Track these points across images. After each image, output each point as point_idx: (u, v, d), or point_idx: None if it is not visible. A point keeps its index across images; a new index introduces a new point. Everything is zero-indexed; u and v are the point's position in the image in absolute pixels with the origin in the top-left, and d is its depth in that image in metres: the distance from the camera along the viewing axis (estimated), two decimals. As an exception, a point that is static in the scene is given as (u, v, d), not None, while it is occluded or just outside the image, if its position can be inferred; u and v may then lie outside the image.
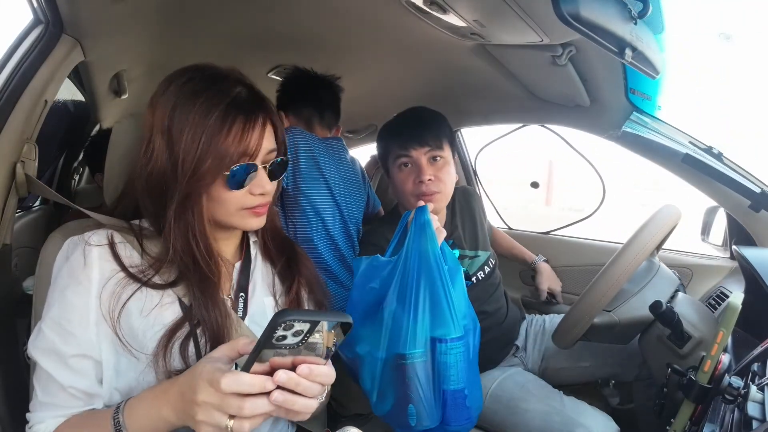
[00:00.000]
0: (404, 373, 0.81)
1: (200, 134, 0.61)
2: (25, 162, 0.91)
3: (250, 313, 0.72)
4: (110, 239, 0.63)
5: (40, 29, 0.96)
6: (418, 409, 0.81)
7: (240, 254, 0.77)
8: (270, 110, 0.67)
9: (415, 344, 0.82)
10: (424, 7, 0.95)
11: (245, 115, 0.63)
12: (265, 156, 0.67)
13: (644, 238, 0.94)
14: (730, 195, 1.29)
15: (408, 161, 1.12)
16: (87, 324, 0.60)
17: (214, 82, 0.64)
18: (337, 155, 1.35)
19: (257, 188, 0.66)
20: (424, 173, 1.09)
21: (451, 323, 0.83)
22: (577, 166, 1.88)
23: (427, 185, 1.09)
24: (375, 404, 0.89)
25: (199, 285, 0.64)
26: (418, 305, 0.84)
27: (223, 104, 0.62)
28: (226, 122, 0.62)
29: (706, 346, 0.76)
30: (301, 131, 1.29)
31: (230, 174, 0.63)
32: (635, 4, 0.80)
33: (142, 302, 0.62)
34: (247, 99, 0.65)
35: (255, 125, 0.64)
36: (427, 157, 1.11)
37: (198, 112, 0.61)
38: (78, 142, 1.89)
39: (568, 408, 1.03)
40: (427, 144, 1.10)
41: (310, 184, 1.26)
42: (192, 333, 0.62)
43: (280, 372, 0.49)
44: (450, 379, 0.83)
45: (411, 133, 1.11)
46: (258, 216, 0.69)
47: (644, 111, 1.38)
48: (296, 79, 1.40)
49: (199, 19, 1.18)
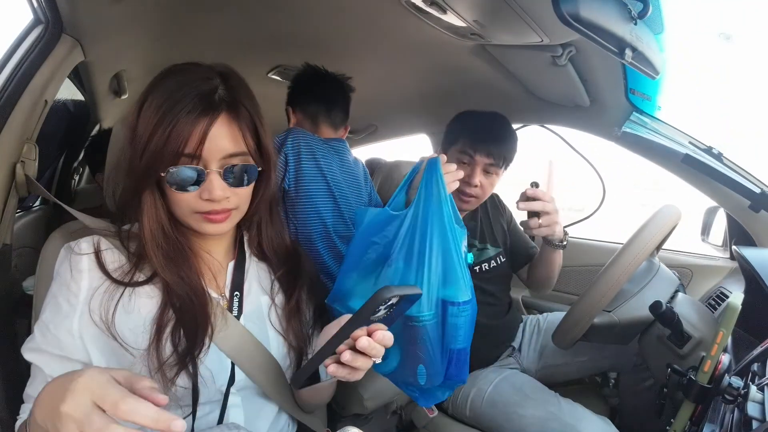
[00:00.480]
0: (415, 335, 0.79)
1: (149, 130, 0.59)
2: (25, 162, 0.91)
3: (245, 311, 0.72)
4: (96, 247, 0.64)
5: (40, 29, 0.96)
6: (428, 369, 0.81)
7: (233, 253, 0.76)
8: (241, 111, 0.62)
9: (426, 306, 0.79)
10: (424, 8, 0.95)
11: (194, 111, 0.59)
12: (221, 159, 0.62)
13: (644, 239, 0.94)
14: (730, 195, 1.29)
15: (468, 159, 1.16)
16: (71, 329, 0.61)
17: (185, 74, 0.62)
18: (339, 156, 1.35)
19: (204, 193, 0.62)
20: (474, 178, 1.15)
21: (463, 285, 0.81)
22: (577, 166, 1.88)
23: (472, 189, 1.16)
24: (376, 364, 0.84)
25: (166, 271, 0.64)
26: (431, 265, 0.80)
27: (175, 98, 0.59)
28: (167, 119, 0.58)
29: (706, 347, 0.76)
30: (303, 132, 1.29)
31: (167, 175, 0.60)
32: (635, 4, 0.80)
33: (129, 302, 0.63)
34: (208, 93, 0.60)
35: (200, 123, 0.59)
36: (485, 165, 1.15)
37: (155, 106, 0.60)
38: (78, 142, 1.89)
39: (566, 413, 1.03)
40: (493, 156, 1.15)
41: (311, 185, 1.26)
42: (178, 320, 0.63)
43: (363, 339, 0.55)
44: (458, 339, 0.82)
45: (486, 139, 1.15)
46: (214, 222, 0.64)
47: (644, 111, 1.38)
48: (307, 75, 1.38)
49: (199, 19, 1.18)
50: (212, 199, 0.62)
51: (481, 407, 1.12)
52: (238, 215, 0.68)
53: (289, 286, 0.76)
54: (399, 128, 2.23)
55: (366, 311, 0.52)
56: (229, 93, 0.62)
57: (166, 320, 0.63)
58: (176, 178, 0.61)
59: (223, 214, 0.65)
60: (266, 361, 0.72)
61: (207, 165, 0.61)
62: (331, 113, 1.37)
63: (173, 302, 0.64)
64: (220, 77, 0.63)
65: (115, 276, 0.63)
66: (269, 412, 0.75)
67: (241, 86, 0.65)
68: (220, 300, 0.71)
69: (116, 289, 0.63)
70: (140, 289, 0.64)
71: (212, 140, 0.60)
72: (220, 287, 0.72)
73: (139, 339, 0.62)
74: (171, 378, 0.61)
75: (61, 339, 0.61)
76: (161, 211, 0.64)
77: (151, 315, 0.64)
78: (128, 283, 0.63)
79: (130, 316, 0.63)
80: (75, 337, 0.61)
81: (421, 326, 0.78)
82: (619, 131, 1.40)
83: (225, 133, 0.61)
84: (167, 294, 0.64)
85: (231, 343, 0.68)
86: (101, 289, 0.62)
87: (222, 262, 0.74)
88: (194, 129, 0.59)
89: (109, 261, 0.64)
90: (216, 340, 0.66)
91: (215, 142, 0.60)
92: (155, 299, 0.65)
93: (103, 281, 0.63)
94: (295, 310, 0.75)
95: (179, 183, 0.61)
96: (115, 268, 0.64)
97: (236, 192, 0.65)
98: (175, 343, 0.63)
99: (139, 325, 0.63)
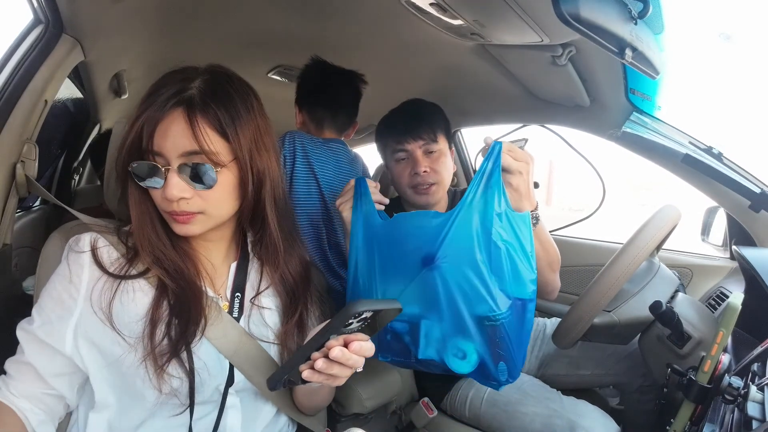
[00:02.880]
0: (494, 334, 0.78)
1: (129, 127, 0.63)
2: (25, 162, 0.91)
3: (245, 314, 0.72)
4: (93, 244, 0.66)
5: (40, 29, 0.96)
6: (508, 364, 0.81)
7: (236, 254, 0.76)
8: (208, 110, 0.60)
9: (500, 305, 0.77)
10: (424, 7, 0.95)
11: (160, 108, 0.60)
12: (181, 158, 0.61)
13: (644, 239, 0.94)
14: (730, 195, 1.29)
15: (404, 155, 1.13)
16: (67, 322, 0.63)
17: (172, 74, 0.64)
18: (336, 156, 1.35)
19: (164, 191, 0.61)
20: (419, 165, 1.11)
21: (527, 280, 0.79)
22: (577, 166, 1.88)
23: (423, 177, 1.11)
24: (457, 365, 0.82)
25: (158, 263, 0.66)
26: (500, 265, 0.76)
27: (148, 96, 0.62)
28: (137, 115, 0.61)
29: (706, 346, 0.76)
30: (300, 134, 1.30)
31: (132, 169, 0.62)
32: (635, 4, 0.80)
33: (127, 294, 0.65)
34: (177, 92, 0.60)
35: (163, 119, 0.60)
36: (423, 150, 1.12)
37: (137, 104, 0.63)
38: (78, 142, 1.89)
39: (568, 409, 1.02)
40: (421, 137, 1.11)
41: (302, 188, 1.28)
42: (171, 310, 0.65)
43: (336, 349, 0.55)
44: (528, 333, 0.84)
45: (406, 127, 1.12)
46: (179, 223, 0.64)
47: (644, 111, 1.37)
48: (314, 73, 1.35)
49: (199, 19, 1.18)
50: (167, 197, 0.61)
51: (481, 407, 1.11)
52: (206, 219, 0.65)
53: (293, 302, 0.75)
54: (399, 128, 2.23)
55: (336, 323, 0.53)
56: (201, 92, 0.61)
57: (161, 311, 0.64)
58: (137, 172, 0.62)
59: (185, 216, 0.63)
60: (265, 363, 0.71)
61: (168, 163, 0.61)
62: (337, 118, 1.37)
63: (167, 295, 0.65)
64: (205, 75, 0.63)
65: (112, 270, 0.65)
66: (267, 413, 0.75)
67: (223, 87, 0.63)
68: (219, 300, 0.71)
69: (114, 283, 0.64)
70: (137, 282, 0.66)
71: (171, 137, 0.60)
72: (217, 287, 0.72)
73: (136, 329, 0.64)
74: (162, 365, 0.62)
75: (58, 329, 0.63)
76: (149, 205, 0.66)
77: (146, 306, 0.65)
78: (124, 276, 0.65)
79: (127, 308, 0.64)
80: (70, 330, 0.63)
81: (499, 325, 0.77)
82: (619, 131, 1.40)
83: (183, 131, 0.60)
84: (162, 286, 0.66)
85: (230, 344, 0.68)
86: (99, 283, 0.64)
87: (220, 263, 0.74)
88: (157, 125, 0.60)
89: (106, 257, 0.66)
90: (209, 334, 0.66)
91: (173, 139, 0.60)
92: (151, 292, 0.66)
93: (101, 276, 0.65)
94: (293, 328, 0.74)
95: (140, 177, 0.63)
96: (111, 263, 0.66)
97: (200, 194, 0.62)
98: (169, 334, 0.64)
99: (135, 314, 0.64)
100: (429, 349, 0.83)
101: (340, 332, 0.55)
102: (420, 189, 1.13)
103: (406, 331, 0.84)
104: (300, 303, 0.75)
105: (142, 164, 0.62)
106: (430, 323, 0.82)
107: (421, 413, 1.17)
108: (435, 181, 1.12)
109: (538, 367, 1.29)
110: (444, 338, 0.82)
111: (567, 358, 1.24)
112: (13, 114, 0.88)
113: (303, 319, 0.75)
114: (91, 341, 0.64)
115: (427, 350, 0.83)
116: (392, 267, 0.85)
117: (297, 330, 0.74)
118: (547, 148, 1.97)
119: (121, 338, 0.63)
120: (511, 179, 0.83)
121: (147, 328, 0.63)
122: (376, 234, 0.90)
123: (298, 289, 0.76)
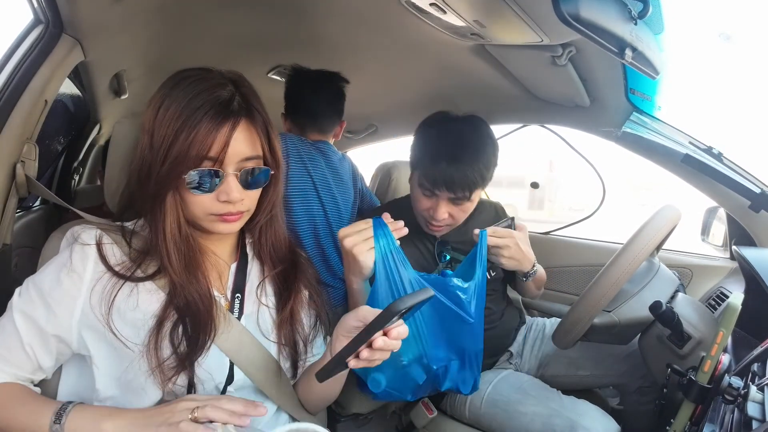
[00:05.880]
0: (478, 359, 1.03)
1: (170, 135, 0.61)
2: (25, 162, 0.91)
3: (246, 313, 0.73)
4: (98, 239, 0.65)
5: (40, 29, 0.96)
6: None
7: (236, 255, 0.77)
8: (256, 116, 0.66)
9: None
10: (424, 7, 0.95)
11: (216, 117, 0.61)
12: (238, 163, 0.65)
13: (644, 239, 0.94)
14: (730, 195, 1.28)
15: (428, 194, 1.03)
16: (71, 311, 0.63)
17: (201, 82, 0.64)
18: (326, 157, 1.41)
19: (222, 195, 0.64)
20: (438, 213, 1.02)
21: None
22: (577, 166, 1.88)
23: (438, 222, 1.05)
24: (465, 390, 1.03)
25: (178, 272, 0.65)
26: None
27: (195, 105, 0.61)
28: (189, 124, 0.61)
29: (706, 347, 0.76)
30: (290, 135, 1.36)
31: (188, 178, 0.62)
32: (635, 4, 0.80)
33: (129, 297, 0.64)
34: (228, 100, 0.63)
35: (222, 128, 0.61)
36: (449, 199, 1.02)
37: (174, 111, 0.62)
38: (78, 141, 1.89)
39: (568, 409, 1.02)
40: (454, 193, 1.00)
41: (299, 186, 1.33)
42: (180, 320, 0.64)
43: (379, 340, 0.58)
44: None
45: (443, 179, 0.98)
46: (227, 223, 0.67)
47: (644, 111, 1.38)
48: (293, 84, 1.42)
49: (199, 19, 1.18)
50: (230, 200, 0.64)
51: (481, 408, 1.11)
52: (247, 216, 0.71)
53: (285, 289, 0.77)
54: (399, 128, 2.24)
55: (381, 321, 0.57)
56: (243, 100, 0.65)
57: (167, 316, 0.64)
58: (197, 181, 0.63)
59: (237, 215, 0.67)
60: (265, 360, 0.72)
61: (225, 168, 0.64)
62: (317, 122, 1.42)
63: (177, 301, 0.65)
64: (233, 84, 0.66)
65: (117, 270, 0.64)
66: (267, 411, 0.75)
67: (252, 93, 0.68)
68: (222, 300, 0.71)
69: (116, 284, 0.63)
70: (142, 285, 0.65)
71: (233, 145, 0.63)
72: (223, 287, 0.73)
73: (140, 333, 0.63)
74: (170, 377, 0.62)
75: (59, 315, 0.62)
76: (181, 213, 0.66)
77: (152, 310, 0.64)
78: (129, 278, 0.64)
79: (129, 313, 0.64)
80: (74, 320, 0.63)
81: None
82: (619, 131, 1.40)
83: (244, 138, 0.64)
84: (172, 292, 0.65)
85: (231, 343, 0.69)
86: (101, 282, 0.63)
87: (225, 263, 0.75)
88: (217, 134, 0.61)
89: (111, 255, 0.65)
90: (218, 341, 0.67)
91: (234, 146, 0.63)
92: (157, 295, 0.66)
93: (104, 273, 0.64)
94: (288, 317, 0.75)
95: (199, 185, 0.63)
96: (116, 262, 0.65)
97: (248, 194, 0.68)
98: (175, 342, 0.63)
99: (139, 319, 0.64)
100: (450, 382, 1.00)
101: (378, 330, 0.59)
102: (432, 227, 1.08)
103: (442, 372, 0.99)
104: (292, 290, 0.77)
105: (201, 172, 0.62)
106: (457, 363, 1.00)
107: (421, 413, 1.17)
108: (449, 224, 1.07)
109: (538, 367, 1.29)
110: (459, 371, 1.01)
111: (567, 358, 1.24)
112: (13, 114, 0.88)
113: (294, 314, 0.77)
114: (95, 331, 0.63)
115: (449, 383, 1.00)
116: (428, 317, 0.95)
117: (291, 318, 0.76)
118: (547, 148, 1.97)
119: (123, 345, 0.63)
120: (503, 253, 1.00)
121: (153, 334, 0.62)
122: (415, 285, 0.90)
123: (289, 276, 0.78)
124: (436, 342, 0.95)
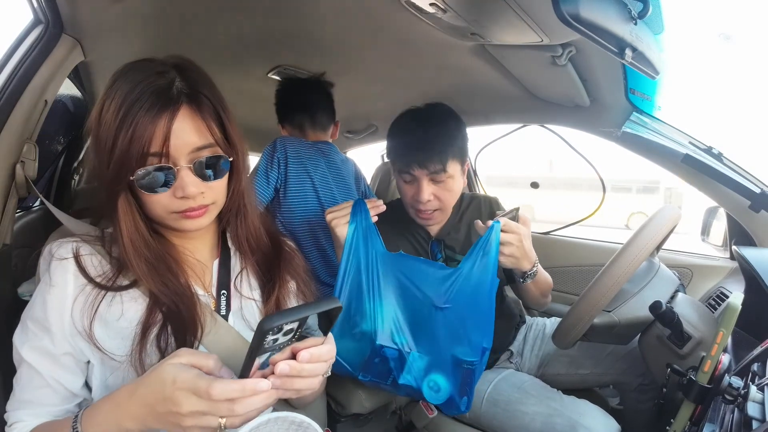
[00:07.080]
0: (467, 376, 0.95)
1: (111, 134, 0.57)
2: (25, 162, 0.91)
3: (233, 309, 0.71)
4: (75, 252, 0.62)
5: (40, 29, 0.96)
6: (469, 399, 0.98)
7: (217, 251, 0.75)
8: (202, 101, 0.60)
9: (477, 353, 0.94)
10: (424, 7, 0.95)
11: (153, 108, 0.56)
12: (189, 154, 0.60)
13: (644, 239, 0.94)
14: (730, 195, 1.29)
15: (410, 177, 1.08)
16: (62, 325, 0.60)
17: (139, 72, 0.59)
18: (327, 158, 1.41)
19: (178, 191, 0.60)
20: (422, 194, 1.05)
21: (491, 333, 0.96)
22: (577, 166, 1.88)
23: (425, 205, 1.07)
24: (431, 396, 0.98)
25: (146, 276, 0.62)
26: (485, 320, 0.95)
27: (133, 98, 0.56)
28: (128, 120, 0.55)
29: (706, 347, 0.76)
30: (290, 139, 1.36)
31: (136, 178, 0.58)
32: (635, 4, 0.80)
33: (113, 306, 0.62)
34: (165, 88, 0.57)
35: (160, 119, 0.56)
36: (429, 177, 1.05)
37: (114, 108, 0.57)
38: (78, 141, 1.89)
39: (569, 408, 1.02)
40: (427, 167, 1.04)
41: (298, 188, 1.33)
42: (165, 325, 0.62)
43: (281, 364, 0.51)
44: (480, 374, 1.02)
45: (414, 154, 1.04)
46: (192, 219, 0.63)
47: (644, 111, 1.38)
48: (283, 89, 1.45)
49: (199, 19, 1.18)
50: (187, 196, 0.60)
51: (481, 407, 1.11)
52: (215, 209, 0.67)
53: (269, 280, 0.74)
54: (399, 128, 2.23)
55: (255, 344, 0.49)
56: (187, 84, 0.60)
57: (153, 322, 0.62)
58: (146, 180, 0.58)
59: (200, 210, 0.63)
60: None
61: (176, 162, 0.59)
62: (315, 118, 1.44)
63: (159, 305, 0.62)
64: (176, 69, 0.61)
65: (98, 281, 0.62)
66: None
67: (200, 76, 0.63)
68: (208, 299, 0.70)
69: (98, 295, 0.61)
70: (125, 293, 0.63)
71: (177, 136, 0.58)
72: (206, 285, 0.71)
73: (126, 343, 0.61)
74: None
75: (59, 335, 0.60)
76: (137, 216, 0.62)
77: (137, 317, 0.62)
78: (110, 288, 0.61)
79: (115, 323, 0.62)
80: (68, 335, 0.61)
81: (473, 369, 0.95)
82: (619, 131, 1.40)
83: (189, 127, 0.59)
84: (153, 298, 0.63)
85: (221, 344, 0.67)
86: (84, 293, 0.61)
87: (206, 261, 0.73)
88: (156, 126, 0.56)
89: (90, 266, 0.62)
90: (205, 341, 0.65)
91: (180, 137, 0.58)
92: (141, 302, 0.63)
93: (85, 285, 0.61)
94: (273, 309, 0.73)
95: (150, 185, 0.59)
96: (97, 273, 0.62)
97: (210, 186, 0.63)
98: (161, 347, 0.62)
99: (125, 328, 0.61)
100: (409, 376, 0.96)
101: (266, 350, 0.50)
102: (422, 214, 1.10)
103: (394, 357, 0.95)
104: (276, 280, 0.74)
105: (149, 170, 0.57)
106: (417, 355, 0.96)
107: (421, 413, 1.17)
108: (438, 207, 1.10)
109: (538, 366, 1.29)
110: (425, 370, 0.96)
111: (567, 357, 1.24)
112: (13, 114, 0.88)
113: (281, 297, 0.74)
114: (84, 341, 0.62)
115: (408, 377, 0.96)
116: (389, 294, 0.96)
117: (276, 308, 0.73)
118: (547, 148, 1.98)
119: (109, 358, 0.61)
120: (504, 250, 0.98)
121: (138, 342, 0.60)
122: (380, 261, 0.97)
123: (273, 266, 0.75)
124: (396, 323, 0.96)
